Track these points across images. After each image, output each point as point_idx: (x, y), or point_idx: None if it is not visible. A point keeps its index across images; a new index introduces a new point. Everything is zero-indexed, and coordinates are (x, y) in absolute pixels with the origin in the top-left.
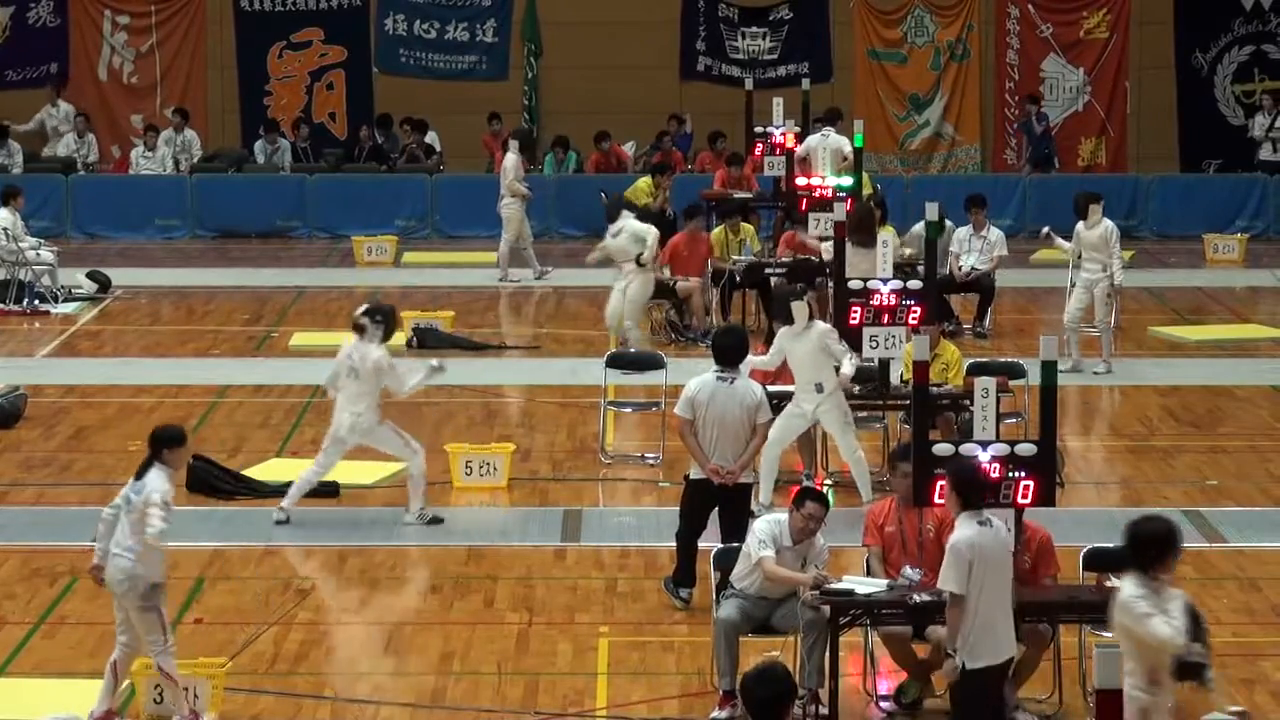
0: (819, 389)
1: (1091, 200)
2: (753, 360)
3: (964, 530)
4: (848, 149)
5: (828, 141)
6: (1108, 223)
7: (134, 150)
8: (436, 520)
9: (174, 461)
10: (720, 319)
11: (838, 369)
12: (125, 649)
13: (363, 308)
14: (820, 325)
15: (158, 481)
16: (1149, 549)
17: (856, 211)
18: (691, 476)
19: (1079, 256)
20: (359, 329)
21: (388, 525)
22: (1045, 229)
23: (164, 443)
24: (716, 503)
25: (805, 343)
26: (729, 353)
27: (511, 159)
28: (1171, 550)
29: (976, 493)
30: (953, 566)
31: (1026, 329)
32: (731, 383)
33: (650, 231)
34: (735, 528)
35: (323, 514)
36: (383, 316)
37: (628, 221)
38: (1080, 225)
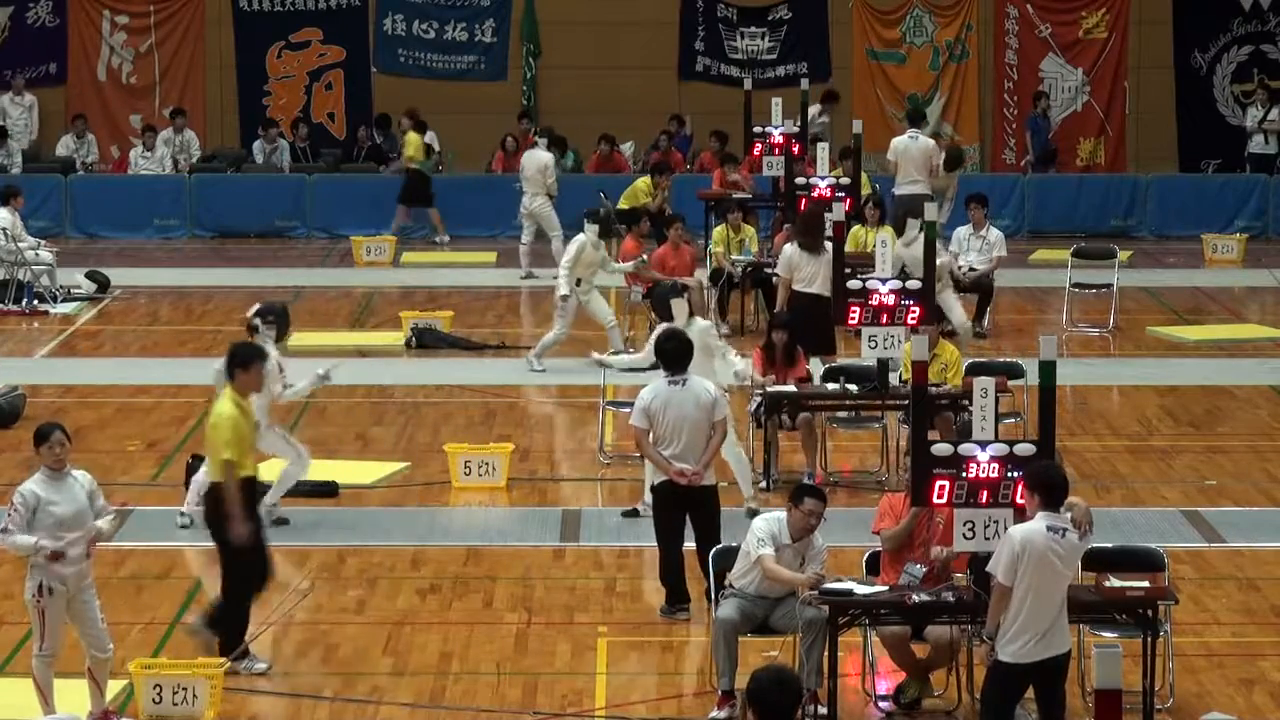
0: None
1: (911, 215)
2: (625, 359)
3: (1028, 525)
4: (932, 148)
5: (916, 144)
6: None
7: (133, 150)
8: (282, 521)
9: (49, 460)
10: (719, 319)
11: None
12: (88, 649)
13: (254, 308)
14: (701, 322)
15: (26, 482)
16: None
17: (806, 214)
18: (655, 484)
19: (904, 269)
20: (251, 330)
21: (387, 525)
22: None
23: (36, 441)
24: (686, 507)
25: None
26: (673, 357)
27: (545, 156)
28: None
29: (1049, 492)
30: (1000, 553)
31: (1025, 329)
32: (684, 384)
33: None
34: (706, 531)
35: (322, 514)
36: (275, 317)
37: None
38: (898, 242)
